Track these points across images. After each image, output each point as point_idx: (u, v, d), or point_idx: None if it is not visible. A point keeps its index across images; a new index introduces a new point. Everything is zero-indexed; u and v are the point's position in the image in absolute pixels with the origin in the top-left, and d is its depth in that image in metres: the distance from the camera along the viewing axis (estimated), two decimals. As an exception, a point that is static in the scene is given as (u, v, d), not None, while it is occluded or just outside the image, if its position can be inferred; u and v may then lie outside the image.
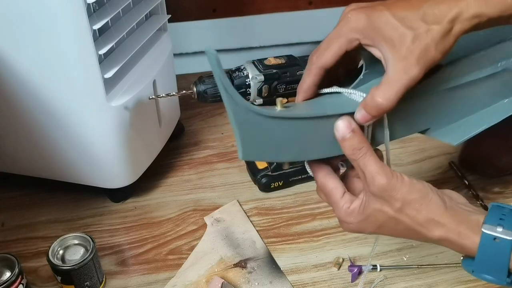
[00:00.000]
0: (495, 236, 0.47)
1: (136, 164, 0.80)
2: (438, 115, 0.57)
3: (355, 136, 0.50)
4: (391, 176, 0.49)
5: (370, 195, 0.50)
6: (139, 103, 0.74)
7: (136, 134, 0.77)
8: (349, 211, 0.52)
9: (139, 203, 0.84)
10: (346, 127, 0.50)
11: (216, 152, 0.94)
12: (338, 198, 0.53)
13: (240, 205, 0.83)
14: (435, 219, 0.49)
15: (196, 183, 0.87)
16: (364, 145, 0.50)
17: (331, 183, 0.53)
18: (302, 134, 0.51)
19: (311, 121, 0.51)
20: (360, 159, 0.50)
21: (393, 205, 0.50)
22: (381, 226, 0.51)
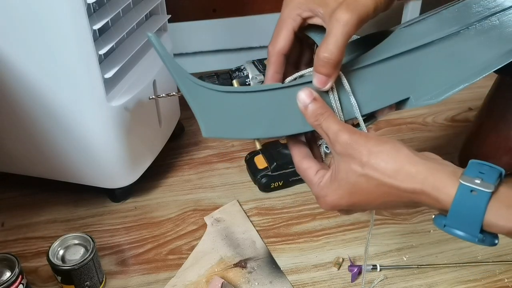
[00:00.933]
0: (473, 188, 0.45)
1: (136, 164, 0.80)
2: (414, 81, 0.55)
3: (317, 103, 0.51)
4: (354, 132, 0.49)
5: (338, 158, 0.50)
6: (139, 103, 0.75)
7: (136, 134, 0.77)
8: (322, 184, 0.52)
9: (139, 203, 0.84)
10: (307, 95, 0.51)
11: (216, 152, 0.94)
12: (312, 176, 0.53)
13: (240, 205, 0.83)
14: (405, 168, 0.47)
15: (196, 183, 0.87)
16: (326, 110, 0.51)
17: (305, 163, 0.54)
18: (263, 108, 0.51)
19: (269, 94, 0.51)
20: (323, 122, 0.50)
21: (360, 160, 0.48)
22: (354, 188, 0.49)
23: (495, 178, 0.46)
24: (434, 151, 0.94)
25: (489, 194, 0.45)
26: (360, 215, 0.81)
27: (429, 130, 0.99)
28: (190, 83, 0.49)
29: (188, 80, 0.49)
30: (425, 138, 0.97)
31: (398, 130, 0.99)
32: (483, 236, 0.46)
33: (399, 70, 0.54)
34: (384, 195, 0.49)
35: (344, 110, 0.53)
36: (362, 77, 0.53)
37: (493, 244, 0.46)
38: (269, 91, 0.51)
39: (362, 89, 0.53)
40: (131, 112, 0.73)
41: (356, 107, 0.53)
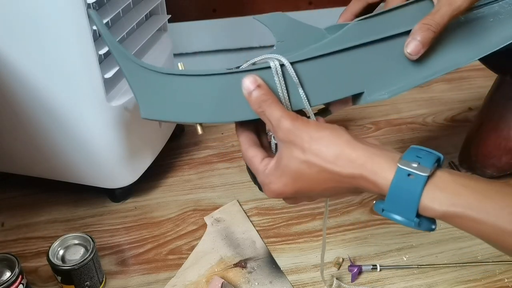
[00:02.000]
0: (410, 172, 0.45)
1: (136, 164, 0.80)
2: (366, 77, 0.55)
3: (261, 89, 0.51)
4: (296, 119, 0.49)
5: (281, 145, 0.50)
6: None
7: (136, 134, 0.77)
8: (267, 171, 0.51)
9: (139, 203, 0.84)
10: (251, 82, 0.51)
11: (216, 152, 0.94)
12: (257, 164, 0.53)
13: (240, 205, 0.83)
14: (345, 153, 0.47)
15: (196, 183, 0.87)
16: (270, 96, 0.51)
17: (251, 152, 0.53)
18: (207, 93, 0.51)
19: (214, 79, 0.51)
20: (266, 109, 0.50)
21: (302, 146, 0.48)
22: (297, 175, 0.49)
23: (432, 163, 0.46)
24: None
25: (425, 177, 0.45)
26: (360, 215, 0.81)
27: (429, 130, 0.99)
28: (131, 63, 0.49)
29: (129, 60, 0.49)
30: (425, 138, 0.97)
31: (398, 130, 0.99)
32: (420, 220, 0.46)
33: (353, 63, 0.54)
34: (326, 181, 0.49)
35: (292, 101, 0.53)
36: (313, 69, 0.53)
37: (430, 229, 0.47)
38: (215, 75, 0.51)
39: (312, 80, 0.53)
40: (131, 112, 0.73)
41: (304, 98, 0.53)
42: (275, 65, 0.52)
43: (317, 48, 0.54)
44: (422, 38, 0.53)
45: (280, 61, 0.52)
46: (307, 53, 0.53)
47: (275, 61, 0.52)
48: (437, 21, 0.53)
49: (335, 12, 1.16)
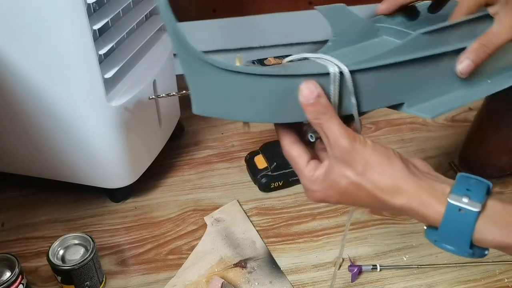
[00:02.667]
0: (461, 207, 0.46)
1: (136, 164, 0.80)
2: (412, 88, 0.55)
3: (319, 100, 0.49)
4: (354, 139, 0.49)
5: (334, 160, 0.50)
6: (139, 103, 0.74)
7: (136, 134, 0.77)
8: (314, 178, 0.51)
9: (139, 203, 0.84)
10: (311, 92, 0.49)
11: (216, 152, 0.94)
12: (302, 166, 0.52)
13: (240, 205, 0.83)
14: (397, 185, 0.48)
15: (196, 183, 0.87)
16: (329, 109, 0.50)
17: (296, 151, 0.52)
18: (260, 93, 0.49)
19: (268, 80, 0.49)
20: (324, 123, 0.49)
21: (356, 169, 0.49)
22: (344, 192, 0.50)
23: (483, 195, 0.47)
24: (434, 151, 0.95)
25: (476, 213, 0.46)
26: (360, 215, 0.81)
27: (429, 130, 0.99)
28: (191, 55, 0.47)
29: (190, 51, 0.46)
30: (425, 138, 0.97)
31: (398, 130, 0.99)
32: (473, 251, 0.47)
33: (404, 75, 0.54)
34: (374, 203, 0.50)
35: (342, 107, 0.52)
36: (368, 78, 0.52)
37: (483, 255, 0.48)
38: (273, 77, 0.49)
39: (364, 89, 0.52)
40: (131, 112, 0.73)
41: (355, 107, 0.52)
42: (334, 73, 0.50)
43: (377, 58, 0.53)
44: (475, 57, 0.53)
45: (339, 68, 0.50)
46: (367, 63, 0.52)
47: (335, 68, 0.50)
48: (493, 41, 0.53)
49: (335, 12, 1.16)
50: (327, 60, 0.51)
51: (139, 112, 0.75)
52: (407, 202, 0.48)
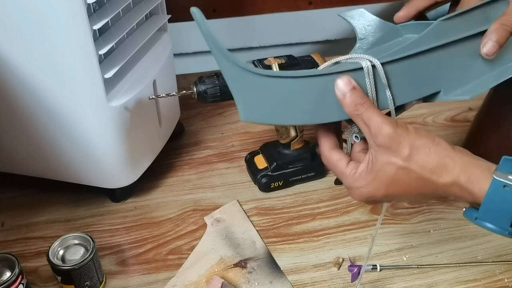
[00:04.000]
0: (506, 183, 0.47)
1: (136, 164, 0.80)
2: (444, 76, 0.56)
3: (356, 92, 0.51)
4: (397, 124, 0.50)
5: (377, 149, 0.50)
6: (139, 103, 0.75)
7: (136, 134, 0.77)
8: (357, 175, 0.52)
9: (139, 203, 0.84)
10: (346, 84, 0.51)
11: (216, 152, 0.94)
12: (343, 167, 0.53)
13: (240, 205, 0.83)
14: (445, 163, 0.49)
15: (196, 183, 0.88)
16: (366, 99, 0.51)
17: (335, 155, 0.54)
18: (301, 94, 0.51)
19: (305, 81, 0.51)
20: (364, 113, 0.50)
21: (402, 153, 0.49)
22: (392, 181, 0.51)
23: None
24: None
25: None
26: (360, 214, 0.81)
27: (429, 130, 0.98)
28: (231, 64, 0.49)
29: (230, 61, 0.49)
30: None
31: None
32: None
33: (434, 63, 0.55)
34: (420, 187, 0.51)
35: (379, 102, 0.53)
36: (399, 70, 0.53)
37: None
38: (311, 77, 0.51)
39: (397, 81, 0.53)
40: (131, 112, 0.73)
41: (390, 99, 0.53)
42: (367, 66, 0.52)
43: (405, 49, 0.54)
44: (498, 38, 0.54)
45: (371, 62, 0.52)
46: (396, 54, 0.53)
47: (367, 62, 0.52)
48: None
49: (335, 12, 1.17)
50: (358, 57, 0.53)
51: (139, 112, 0.75)
52: (455, 178, 0.49)
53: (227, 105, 1.00)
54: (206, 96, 0.72)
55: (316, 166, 0.86)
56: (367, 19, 0.60)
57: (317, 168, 0.86)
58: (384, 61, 0.53)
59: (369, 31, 0.60)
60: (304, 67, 0.75)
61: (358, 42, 0.59)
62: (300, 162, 0.85)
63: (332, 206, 0.83)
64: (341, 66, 0.54)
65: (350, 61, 0.54)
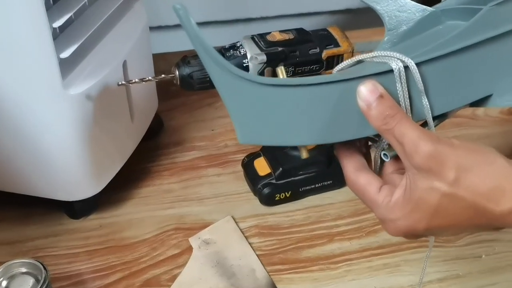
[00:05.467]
0: None
1: (101, 170, 0.80)
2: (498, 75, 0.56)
3: (384, 101, 0.51)
4: (438, 140, 0.50)
5: (415, 172, 0.50)
6: (105, 91, 0.75)
7: (101, 130, 0.77)
8: (392, 204, 0.52)
9: (106, 220, 0.84)
10: (371, 91, 0.51)
11: (204, 154, 0.94)
12: (374, 194, 0.54)
13: (236, 223, 0.83)
14: (502, 185, 0.49)
15: (179, 194, 0.88)
16: (397, 110, 0.51)
17: (363, 178, 0.54)
18: (313, 107, 0.52)
19: (320, 89, 0.51)
20: (395, 127, 0.50)
21: (447, 176, 0.49)
22: (436, 211, 0.51)
23: None
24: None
25: None
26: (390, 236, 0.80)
27: (480, 126, 0.99)
28: (227, 72, 0.49)
29: (225, 69, 0.49)
30: (475, 136, 0.97)
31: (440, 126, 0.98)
32: None
33: (485, 60, 0.55)
34: (473, 218, 0.51)
35: (413, 112, 0.53)
36: (439, 71, 0.53)
37: None
38: (323, 85, 0.51)
39: (437, 85, 0.53)
40: (94, 102, 0.73)
41: (428, 109, 0.53)
42: (398, 68, 0.52)
43: (448, 42, 0.54)
44: None
45: (403, 62, 0.52)
46: (436, 50, 0.53)
47: (398, 62, 0.52)
48: None
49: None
50: (386, 56, 0.53)
51: (105, 102, 0.75)
52: None
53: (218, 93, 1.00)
54: (191, 81, 0.72)
55: (333, 172, 0.86)
56: (397, 2, 0.60)
57: (335, 175, 0.86)
58: (421, 61, 0.52)
59: (401, 19, 0.60)
60: (318, 44, 0.76)
61: (386, 34, 0.59)
62: (313, 167, 0.85)
63: (355, 224, 0.83)
64: (365, 67, 0.54)
65: (376, 61, 0.53)
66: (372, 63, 0.54)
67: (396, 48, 0.58)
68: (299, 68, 0.76)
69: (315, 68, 0.77)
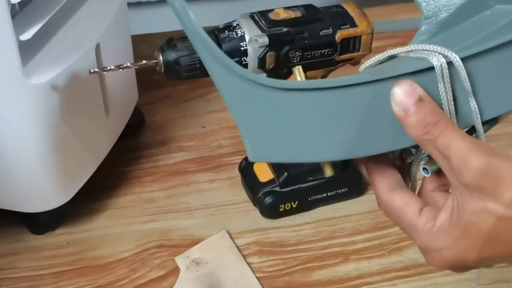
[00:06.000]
0: None
1: (70, 176, 0.80)
2: None
3: (425, 105, 0.50)
4: (492, 153, 0.49)
5: (464, 191, 0.49)
6: (74, 80, 0.74)
7: (69, 128, 0.76)
8: (435, 230, 0.51)
9: (75, 235, 0.83)
10: (408, 93, 0.50)
11: (194, 156, 0.95)
12: (413, 218, 0.52)
13: (232, 239, 0.83)
14: None
15: (163, 204, 0.88)
16: (441, 116, 0.50)
17: (400, 199, 0.53)
18: (338, 115, 0.51)
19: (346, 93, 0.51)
20: (439, 137, 0.49)
21: (502, 197, 0.48)
22: (490, 238, 0.50)
23: None
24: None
25: None
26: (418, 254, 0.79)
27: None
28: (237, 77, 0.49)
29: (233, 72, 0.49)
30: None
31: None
32: None
33: None
34: None
35: (459, 116, 0.53)
36: (490, 65, 0.52)
37: None
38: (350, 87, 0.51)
39: (487, 83, 0.53)
40: (61, 93, 0.73)
41: (476, 112, 0.53)
42: (440, 65, 0.51)
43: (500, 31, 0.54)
44: None
45: (446, 57, 0.51)
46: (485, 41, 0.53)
47: (440, 58, 0.51)
48: None
49: None
50: (425, 51, 0.52)
51: (74, 94, 0.75)
52: None
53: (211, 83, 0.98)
54: (178, 68, 0.71)
55: (349, 177, 0.86)
56: None
57: (351, 181, 0.87)
58: (467, 55, 0.51)
59: (440, 4, 0.59)
60: (330, 24, 0.75)
61: (423, 23, 0.59)
62: (322, 173, 0.84)
63: (375, 240, 0.83)
64: (399, 64, 0.54)
65: (412, 56, 0.53)
66: (408, 58, 0.53)
67: (435, 39, 0.57)
68: (307, 52, 0.75)
69: (327, 53, 0.76)
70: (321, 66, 0.77)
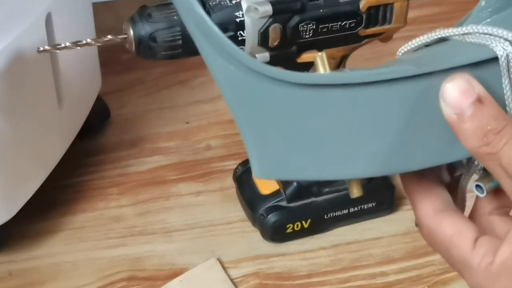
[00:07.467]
0: None
1: (11, 188, 0.81)
2: None
3: (485, 108, 0.49)
4: None
5: None
6: (18, 60, 0.75)
7: (10, 124, 0.77)
8: (495, 268, 0.50)
9: (18, 264, 0.85)
10: (464, 91, 0.49)
11: (174, 160, 0.96)
12: (467, 251, 0.52)
13: (224, 269, 0.84)
14: None
15: (133, 224, 0.89)
16: (506, 123, 0.49)
17: (450, 225, 0.53)
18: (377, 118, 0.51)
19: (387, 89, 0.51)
20: (503, 151, 0.49)
21: None
22: None
23: None
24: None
25: None
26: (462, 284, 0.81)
27: None
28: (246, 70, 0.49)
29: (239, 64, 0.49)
30: None
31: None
32: None
33: None
34: None
35: None
36: None
37: None
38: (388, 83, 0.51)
39: None
40: (2, 78, 0.73)
41: None
42: (506, 55, 0.51)
43: None
44: None
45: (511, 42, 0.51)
46: None
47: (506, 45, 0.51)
48: None
49: None
50: (487, 35, 0.52)
51: (17, 78, 0.76)
52: None
53: (197, 65, 0.99)
54: (154, 45, 0.72)
55: (376, 189, 0.87)
56: None
57: (381, 194, 0.88)
58: None
59: None
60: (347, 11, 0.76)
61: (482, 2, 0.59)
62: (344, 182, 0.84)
63: (412, 271, 0.84)
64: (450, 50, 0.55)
65: (469, 41, 0.53)
66: (463, 44, 0.54)
67: (500, 18, 0.57)
68: (323, 25, 0.76)
69: (349, 26, 0.77)
70: (341, 43, 0.77)
